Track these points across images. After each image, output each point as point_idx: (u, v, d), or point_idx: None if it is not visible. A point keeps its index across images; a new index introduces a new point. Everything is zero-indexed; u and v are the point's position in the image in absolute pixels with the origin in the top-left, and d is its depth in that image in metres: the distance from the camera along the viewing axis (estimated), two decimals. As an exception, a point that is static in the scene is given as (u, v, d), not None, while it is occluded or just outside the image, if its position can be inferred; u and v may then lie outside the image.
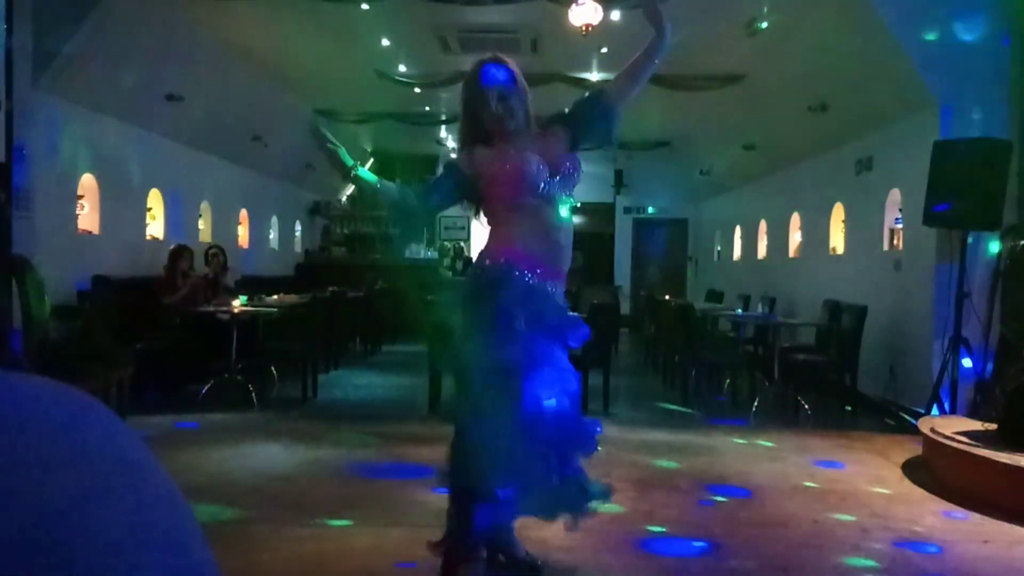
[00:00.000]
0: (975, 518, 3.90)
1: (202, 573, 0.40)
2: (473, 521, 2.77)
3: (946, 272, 5.85)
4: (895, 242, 7.20)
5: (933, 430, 4.72)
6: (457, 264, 13.70)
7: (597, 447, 2.95)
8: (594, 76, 9.02)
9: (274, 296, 7.89)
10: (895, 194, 7.10)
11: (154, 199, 8.51)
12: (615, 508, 3.91)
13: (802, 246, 9.59)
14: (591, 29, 6.28)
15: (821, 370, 6.89)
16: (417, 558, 3.03)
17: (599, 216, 15.16)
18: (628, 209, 15.41)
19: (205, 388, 6.24)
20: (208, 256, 8.13)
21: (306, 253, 13.96)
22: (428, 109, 11.14)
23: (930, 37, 5.92)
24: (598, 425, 3.00)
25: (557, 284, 2.84)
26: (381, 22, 7.36)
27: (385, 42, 8.08)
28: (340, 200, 15.36)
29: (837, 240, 8.52)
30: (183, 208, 9.12)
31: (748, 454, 5.16)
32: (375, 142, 14.58)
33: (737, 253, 12.47)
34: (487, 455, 2.62)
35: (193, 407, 5.99)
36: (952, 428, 4.74)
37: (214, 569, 0.41)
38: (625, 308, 12.99)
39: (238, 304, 6.55)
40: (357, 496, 3.99)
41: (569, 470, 2.78)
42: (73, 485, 0.36)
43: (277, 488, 4.11)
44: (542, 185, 2.77)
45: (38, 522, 0.34)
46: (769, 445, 5.40)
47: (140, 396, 5.86)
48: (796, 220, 9.75)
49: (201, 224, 9.74)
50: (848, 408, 6.56)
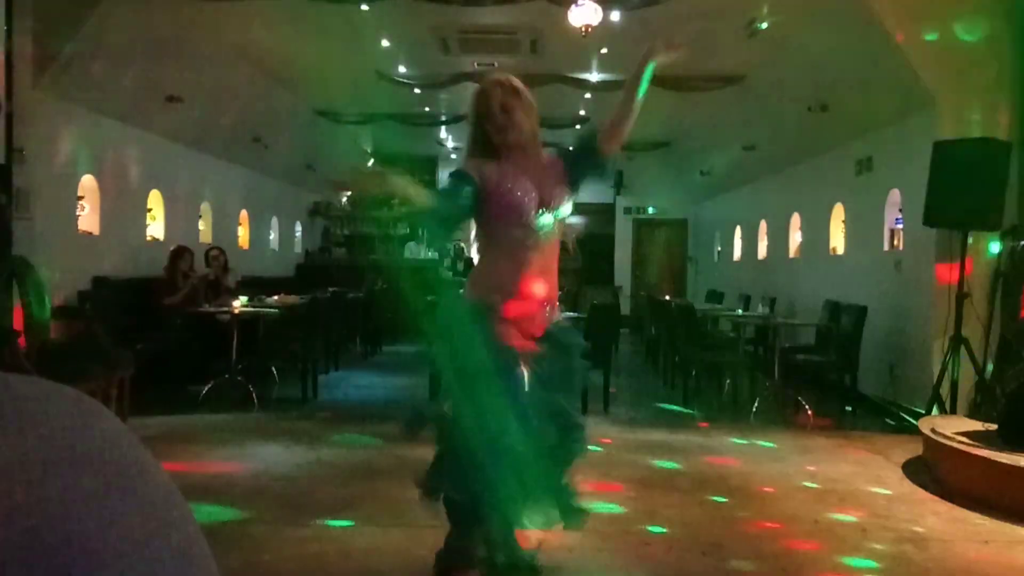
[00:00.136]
0: (975, 518, 3.90)
1: (202, 573, 0.40)
2: (464, 526, 2.78)
3: (946, 272, 5.85)
4: (895, 242, 7.20)
5: (933, 430, 4.72)
6: (457, 264, 13.69)
7: (578, 454, 2.96)
8: (593, 77, 9.03)
9: (274, 297, 7.89)
10: (895, 194, 7.10)
11: (154, 200, 8.52)
12: (615, 508, 3.91)
13: (802, 246, 9.59)
14: (590, 30, 6.28)
15: (821, 370, 6.89)
16: (418, 558, 3.03)
17: (599, 217, 15.16)
18: (628, 209, 15.41)
19: (206, 389, 6.24)
20: (209, 257, 8.13)
21: (306, 254, 13.96)
22: (428, 110, 11.16)
23: (930, 37, 5.92)
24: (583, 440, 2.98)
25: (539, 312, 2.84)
26: (381, 23, 7.37)
27: (385, 43, 8.09)
28: (340, 201, 15.36)
29: (837, 240, 8.52)
30: (183, 209, 9.12)
31: (748, 454, 5.16)
32: (375, 143, 14.57)
33: (737, 253, 12.46)
34: (466, 464, 2.65)
35: (194, 408, 6.00)
36: (952, 428, 4.74)
37: (215, 570, 0.41)
38: (625, 308, 12.99)
39: (239, 305, 6.55)
40: (358, 496, 3.99)
41: (549, 485, 2.79)
42: (73, 487, 0.36)
43: (278, 488, 4.12)
44: (531, 216, 2.79)
45: (37, 524, 0.34)
46: (769, 445, 5.40)
47: (141, 397, 5.85)
48: (796, 220, 9.75)
49: (201, 225, 9.74)
50: (848, 408, 6.57)
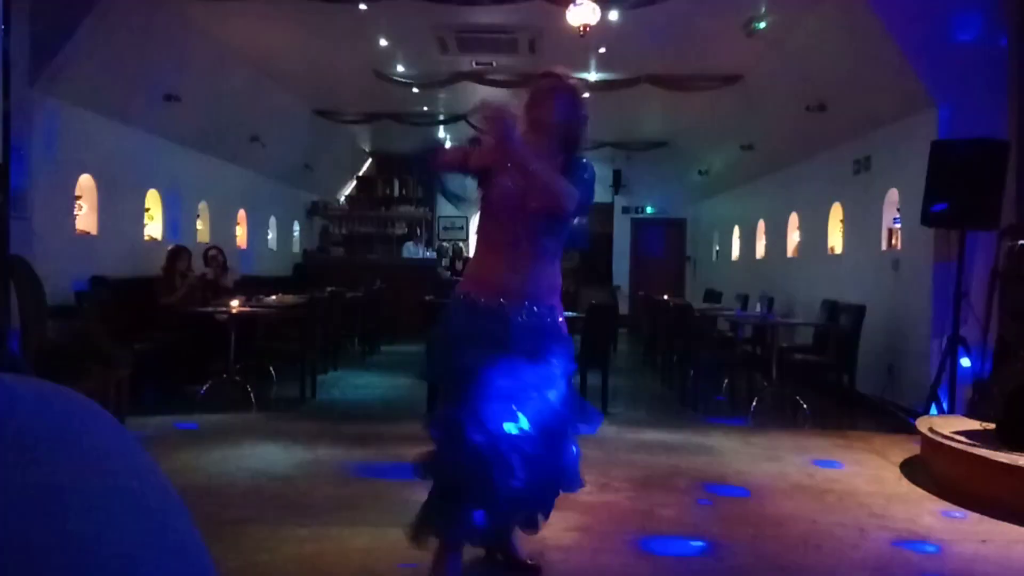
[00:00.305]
0: (973, 517, 3.90)
1: (200, 574, 0.40)
2: (457, 520, 2.79)
3: (944, 272, 5.85)
4: (893, 242, 7.21)
5: (931, 430, 4.73)
6: (456, 264, 13.69)
7: (579, 484, 2.97)
8: (592, 76, 9.03)
9: (272, 296, 7.89)
10: (893, 194, 7.11)
11: (152, 199, 8.51)
12: (615, 508, 3.91)
13: (800, 246, 9.59)
14: (589, 29, 6.28)
15: (819, 370, 6.90)
16: (416, 558, 3.03)
17: (597, 216, 15.15)
18: (626, 209, 15.42)
19: (203, 388, 6.23)
20: (207, 257, 8.12)
21: (304, 253, 13.95)
22: (426, 109, 11.15)
23: (928, 37, 5.92)
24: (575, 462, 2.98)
25: (531, 306, 2.83)
26: (379, 22, 7.36)
27: (383, 42, 8.08)
28: (338, 200, 15.36)
29: (835, 240, 8.53)
30: (181, 208, 9.11)
31: (746, 454, 5.16)
32: (373, 142, 14.59)
33: (735, 253, 12.47)
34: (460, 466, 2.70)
35: (191, 408, 5.99)
36: (950, 428, 4.74)
37: (212, 570, 0.41)
38: (623, 308, 13.00)
39: (236, 304, 6.55)
40: (356, 496, 3.99)
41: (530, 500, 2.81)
42: (70, 488, 0.36)
43: (276, 488, 4.11)
44: (512, 211, 2.80)
45: (34, 525, 0.34)
46: (767, 445, 5.40)
47: (138, 397, 5.85)
48: (794, 220, 9.76)
49: (199, 224, 9.73)
50: (846, 408, 6.57)
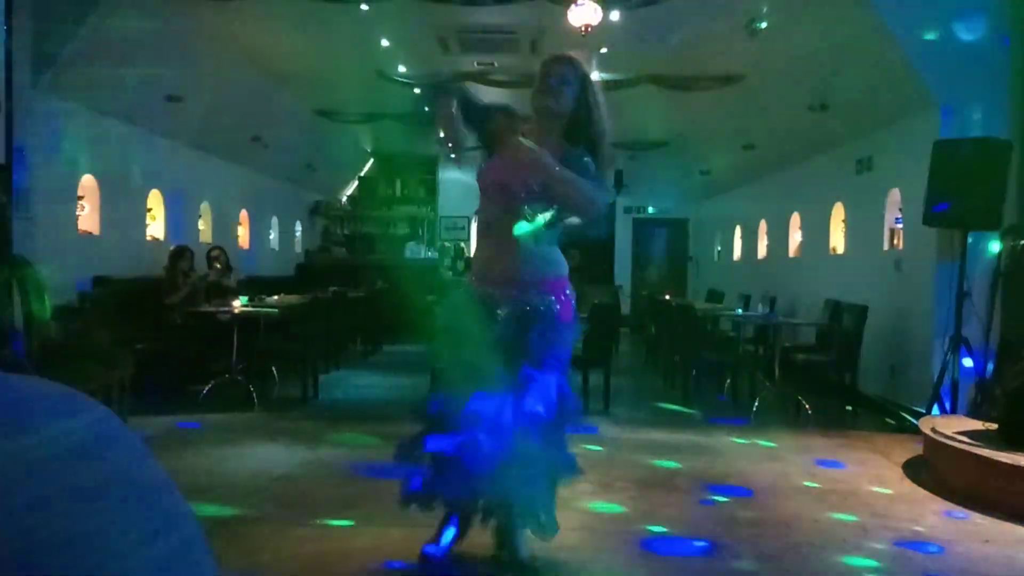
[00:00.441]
0: (976, 518, 3.90)
1: (202, 573, 0.40)
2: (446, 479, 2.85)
3: (946, 272, 5.84)
4: (895, 242, 7.20)
5: (934, 430, 4.72)
6: (457, 264, 13.69)
7: (573, 473, 3.00)
8: (593, 76, 9.01)
9: (275, 296, 7.89)
10: (895, 194, 7.10)
11: (154, 200, 8.52)
12: (616, 508, 3.91)
13: (802, 246, 9.58)
14: (591, 29, 6.28)
15: (822, 370, 6.89)
16: (418, 558, 3.03)
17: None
18: (628, 209, 15.40)
19: (206, 388, 6.23)
20: (209, 257, 8.12)
21: (306, 253, 13.96)
22: (428, 110, 11.14)
23: (930, 37, 5.91)
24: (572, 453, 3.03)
25: (519, 295, 2.86)
26: (381, 23, 7.37)
27: (385, 42, 8.09)
28: (340, 200, 15.36)
29: (837, 240, 8.52)
30: (183, 208, 9.12)
31: (749, 454, 5.16)
32: (375, 142, 14.59)
33: (737, 253, 12.46)
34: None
35: (194, 407, 5.99)
36: (953, 428, 4.74)
37: (214, 569, 0.41)
38: (626, 308, 12.99)
39: (239, 304, 6.55)
40: (358, 496, 3.98)
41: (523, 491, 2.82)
42: (73, 486, 0.36)
43: (278, 488, 4.12)
44: (502, 199, 2.85)
45: (38, 522, 0.34)
46: (770, 445, 5.40)
47: (141, 396, 5.85)
48: (796, 220, 9.75)
49: (201, 224, 9.74)
50: (849, 408, 6.56)
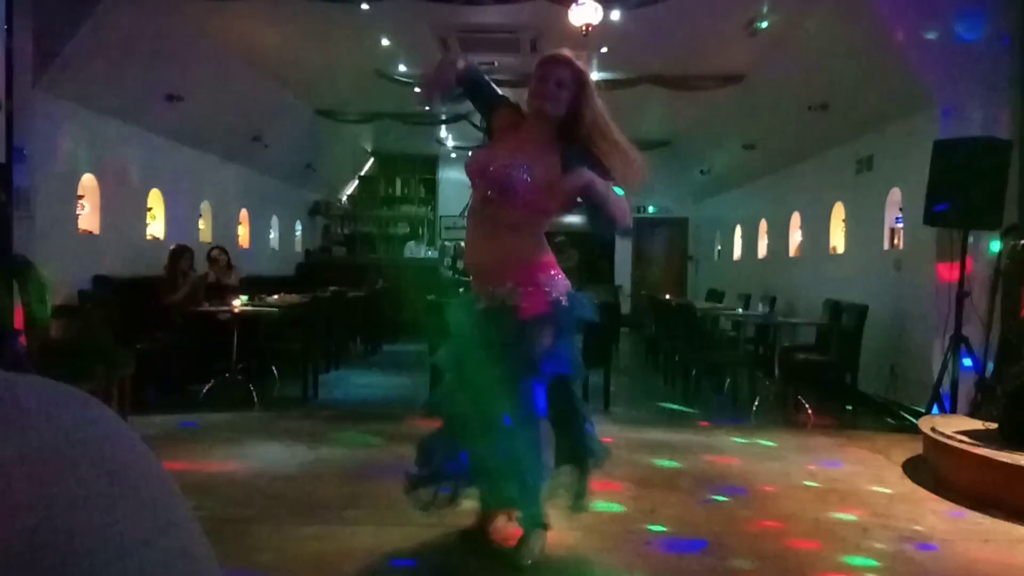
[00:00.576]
0: (975, 517, 3.90)
1: (204, 573, 0.40)
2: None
3: (946, 271, 5.84)
4: (895, 241, 7.20)
5: (934, 429, 4.72)
6: (458, 264, 13.69)
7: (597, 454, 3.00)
8: (593, 76, 9.00)
9: (275, 296, 7.89)
10: (895, 193, 7.10)
11: (154, 199, 8.52)
12: (616, 507, 3.92)
13: (802, 245, 9.58)
14: (591, 29, 6.28)
15: (822, 369, 6.89)
16: (419, 557, 3.03)
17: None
18: (628, 209, 15.39)
19: (206, 388, 6.24)
20: (210, 257, 8.12)
21: (306, 253, 13.96)
22: (428, 109, 11.14)
23: (930, 36, 5.91)
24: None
25: (492, 291, 2.92)
26: (381, 22, 7.37)
27: (385, 42, 8.08)
28: (340, 200, 15.36)
29: (837, 239, 8.52)
30: (183, 208, 9.12)
31: (749, 453, 5.16)
32: (375, 142, 14.59)
33: (737, 252, 12.46)
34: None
35: (194, 407, 6.00)
36: (953, 427, 4.74)
37: (216, 569, 0.41)
38: (626, 308, 12.98)
39: (239, 304, 6.56)
40: (358, 495, 3.99)
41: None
42: (74, 486, 0.36)
43: (278, 488, 4.12)
44: (490, 187, 2.92)
45: (39, 523, 0.34)
46: (770, 444, 5.41)
47: (141, 396, 5.86)
48: (796, 219, 9.75)
49: (201, 224, 9.74)
50: (849, 407, 6.56)
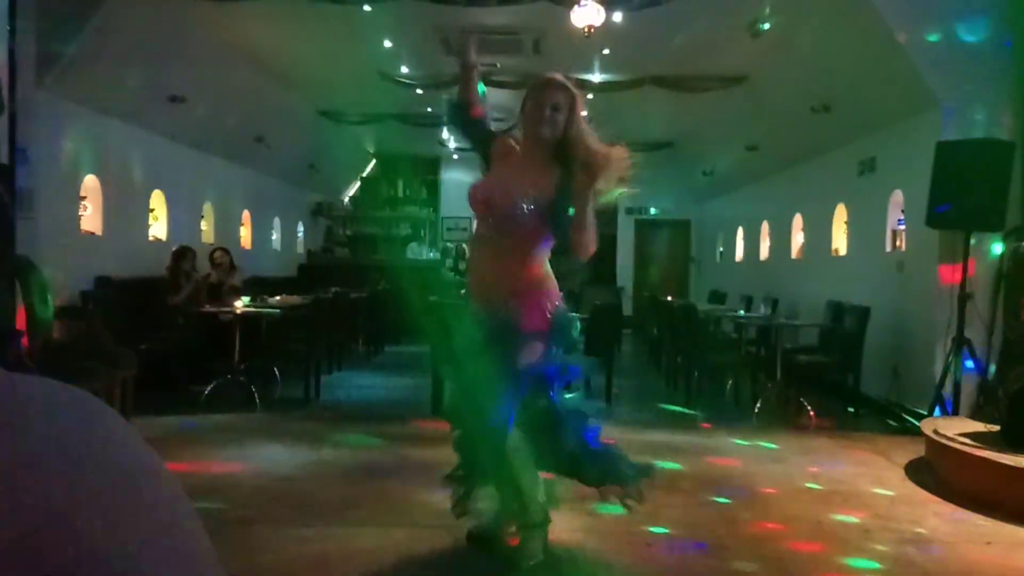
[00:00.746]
0: (977, 519, 3.90)
1: (207, 574, 0.40)
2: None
3: (949, 273, 5.84)
4: (898, 243, 7.19)
5: (936, 431, 4.72)
6: (460, 265, 13.69)
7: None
8: (596, 77, 9.02)
9: (277, 297, 7.89)
10: (898, 195, 7.09)
11: (157, 200, 8.53)
12: (618, 509, 3.91)
13: (805, 247, 9.58)
14: (593, 30, 6.28)
15: (824, 371, 6.88)
16: (420, 558, 3.03)
17: (601, 217, 15.07)
18: (630, 210, 15.38)
19: (208, 389, 6.24)
20: (213, 259, 8.12)
21: (309, 254, 13.97)
22: (430, 110, 11.14)
23: (933, 38, 5.91)
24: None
25: (505, 306, 2.93)
26: (383, 23, 7.37)
27: (387, 43, 8.09)
28: (343, 201, 15.37)
29: (840, 241, 8.51)
30: (186, 209, 9.13)
31: (750, 455, 5.15)
32: (377, 143, 14.59)
33: (740, 254, 12.45)
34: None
35: (196, 408, 6.00)
36: (955, 429, 4.73)
37: (218, 570, 0.41)
38: (628, 309, 12.99)
39: (241, 305, 6.56)
40: (360, 497, 3.99)
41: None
42: (78, 486, 0.36)
43: (280, 489, 4.12)
44: (490, 212, 2.97)
45: (43, 523, 0.34)
46: (772, 446, 5.40)
47: (143, 397, 5.86)
48: (799, 221, 9.74)
49: (204, 225, 9.75)
50: (851, 409, 6.56)
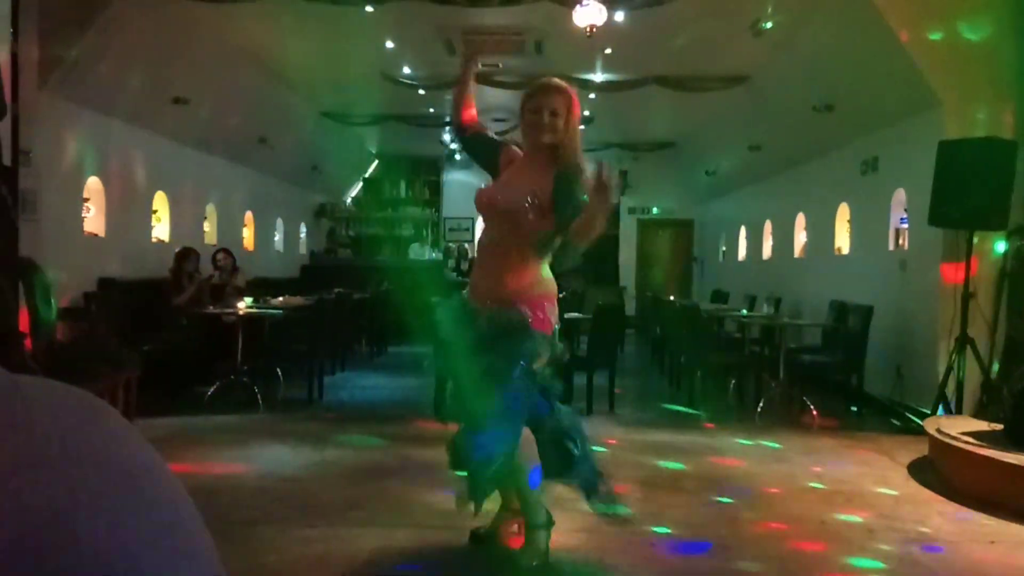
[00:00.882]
0: (981, 518, 3.89)
1: (209, 574, 0.41)
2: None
3: (952, 272, 5.83)
4: (901, 242, 7.18)
5: (939, 430, 4.71)
6: (462, 265, 13.69)
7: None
8: (598, 77, 9.02)
9: (280, 298, 7.90)
10: (900, 194, 7.08)
11: (160, 201, 8.54)
12: (620, 509, 3.91)
13: (807, 246, 9.57)
14: (595, 30, 6.28)
15: (827, 371, 6.87)
16: (423, 559, 3.04)
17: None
18: (633, 210, 15.39)
19: (211, 390, 6.25)
20: (216, 261, 8.12)
21: (311, 255, 13.98)
22: (432, 111, 11.16)
23: (935, 37, 5.90)
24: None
25: (502, 310, 2.93)
26: (385, 24, 7.38)
27: (389, 44, 8.10)
28: (345, 202, 15.38)
29: (843, 240, 8.50)
30: (189, 210, 9.14)
31: (754, 455, 5.15)
32: (380, 144, 14.60)
33: (742, 254, 12.44)
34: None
35: (200, 409, 6.01)
36: (958, 428, 4.73)
37: (221, 571, 0.41)
38: (630, 309, 12.96)
39: (244, 306, 6.57)
40: (363, 497, 3.99)
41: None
42: (80, 487, 0.36)
43: (283, 489, 4.13)
44: (491, 213, 2.99)
45: (46, 524, 0.34)
46: (775, 446, 5.39)
47: (146, 398, 5.87)
48: (801, 220, 9.73)
49: (207, 226, 9.76)
50: (854, 409, 6.55)
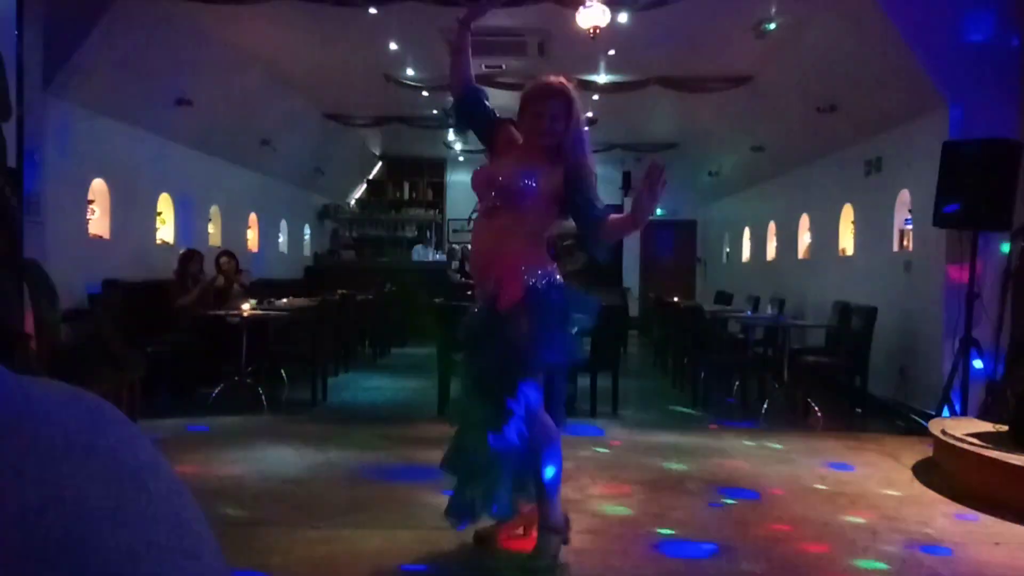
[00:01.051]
0: (986, 520, 3.88)
1: (212, 575, 0.41)
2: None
3: (956, 273, 5.82)
4: (905, 243, 7.17)
5: (944, 432, 4.70)
6: (466, 267, 13.69)
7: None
8: (601, 78, 9.02)
9: (283, 299, 7.91)
10: (904, 195, 7.07)
11: (164, 203, 8.56)
12: (624, 510, 3.91)
13: (811, 247, 9.55)
14: (599, 31, 6.28)
15: (831, 372, 6.86)
16: (427, 561, 3.04)
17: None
18: (636, 211, 15.37)
19: (215, 391, 6.26)
20: (219, 263, 8.13)
21: (315, 256, 14.00)
22: (436, 112, 11.16)
23: (939, 37, 5.89)
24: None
25: (496, 285, 2.96)
26: (388, 26, 7.39)
27: (393, 45, 8.11)
28: (349, 204, 15.40)
29: (846, 241, 8.49)
30: (193, 212, 9.16)
31: (758, 456, 5.14)
32: (384, 145, 14.62)
33: (746, 255, 12.43)
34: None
35: (203, 410, 6.01)
36: (963, 430, 4.71)
37: (225, 572, 0.42)
38: (634, 310, 12.96)
39: (248, 307, 6.58)
40: (367, 498, 4.00)
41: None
42: (85, 489, 0.36)
43: (287, 491, 4.13)
44: (488, 195, 2.99)
45: (50, 525, 0.34)
46: (779, 447, 5.39)
47: (151, 399, 5.88)
48: (805, 221, 9.72)
49: (211, 228, 9.77)
50: (858, 410, 6.53)
